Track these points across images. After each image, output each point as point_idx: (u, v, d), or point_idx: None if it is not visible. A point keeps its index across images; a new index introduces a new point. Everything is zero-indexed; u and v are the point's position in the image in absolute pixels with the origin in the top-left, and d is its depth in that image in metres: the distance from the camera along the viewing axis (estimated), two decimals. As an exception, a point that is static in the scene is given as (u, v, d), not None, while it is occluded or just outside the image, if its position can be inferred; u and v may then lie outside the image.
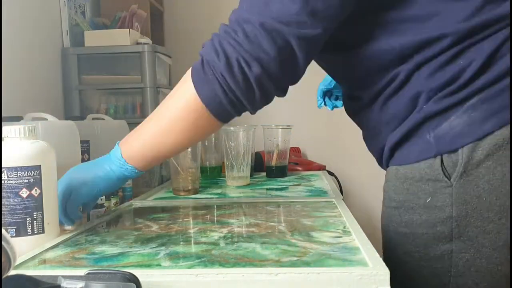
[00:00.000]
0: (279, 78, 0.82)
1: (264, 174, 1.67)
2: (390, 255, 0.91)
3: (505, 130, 0.77)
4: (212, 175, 1.65)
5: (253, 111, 0.87)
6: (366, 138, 1.03)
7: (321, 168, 1.93)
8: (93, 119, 1.48)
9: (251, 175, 1.67)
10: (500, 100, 0.78)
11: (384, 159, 0.95)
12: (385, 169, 0.99)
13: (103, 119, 1.48)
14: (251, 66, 0.78)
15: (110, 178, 0.92)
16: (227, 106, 0.82)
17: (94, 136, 1.33)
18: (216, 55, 0.80)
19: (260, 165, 1.78)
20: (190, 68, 0.85)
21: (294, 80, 0.85)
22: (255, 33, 0.78)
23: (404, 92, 0.85)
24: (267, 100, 0.85)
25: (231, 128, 1.51)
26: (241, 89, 0.80)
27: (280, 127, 1.64)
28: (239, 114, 0.87)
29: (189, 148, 1.33)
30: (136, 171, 0.92)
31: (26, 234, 0.85)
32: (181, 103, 0.84)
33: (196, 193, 1.33)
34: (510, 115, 0.79)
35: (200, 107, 0.82)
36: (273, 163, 1.62)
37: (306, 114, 2.25)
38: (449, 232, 0.82)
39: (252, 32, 0.78)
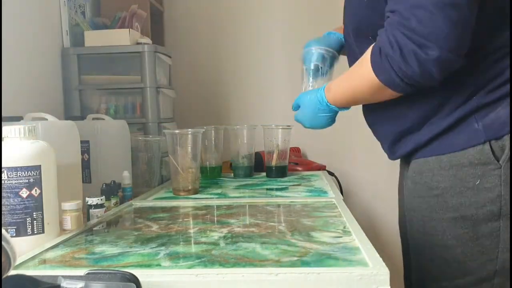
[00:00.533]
0: (458, 49, 0.83)
1: (264, 174, 1.67)
2: (436, 242, 0.96)
3: None
4: (212, 175, 1.65)
5: (436, 84, 0.89)
6: (380, 121, 1.06)
7: (321, 168, 1.93)
8: (93, 119, 1.48)
9: (251, 175, 1.67)
10: None
11: (409, 146, 1.00)
12: (394, 156, 1.06)
13: (103, 119, 1.48)
14: (428, 51, 0.81)
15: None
16: (406, 87, 0.88)
17: (94, 136, 1.33)
18: (391, 46, 0.84)
19: (260, 165, 1.78)
20: (370, 53, 0.90)
21: (468, 43, 0.85)
22: (428, 16, 0.80)
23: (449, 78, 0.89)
24: (448, 73, 0.86)
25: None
26: (418, 75, 0.84)
27: (280, 127, 1.64)
28: (421, 88, 0.89)
29: (189, 148, 1.33)
30: (338, 108, 1.07)
31: (26, 234, 0.85)
32: (366, 81, 0.92)
33: (196, 193, 1.34)
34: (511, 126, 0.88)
35: (381, 86, 0.90)
36: (273, 163, 1.62)
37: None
38: (498, 210, 0.90)
39: (425, 16, 0.80)
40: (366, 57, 0.91)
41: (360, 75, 0.94)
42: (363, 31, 1.01)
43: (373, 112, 1.07)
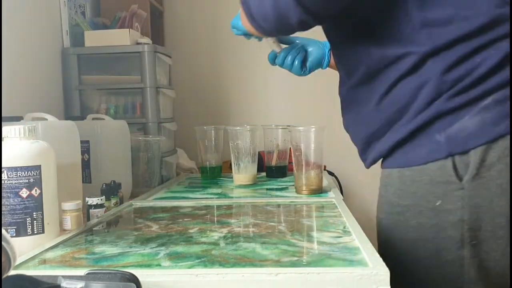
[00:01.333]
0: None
1: (264, 174, 1.67)
2: (396, 264, 0.84)
3: None
4: (212, 175, 1.65)
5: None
6: (353, 124, 0.99)
7: (321, 168, 1.93)
8: (93, 119, 1.48)
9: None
10: None
11: (374, 155, 0.93)
12: (366, 163, 0.98)
13: (103, 119, 1.48)
14: None
15: None
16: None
17: (94, 136, 1.33)
18: None
19: (260, 165, 1.78)
20: None
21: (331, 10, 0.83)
22: None
23: (412, 78, 0.81)
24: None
25: (237, 128, 1.52)
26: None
27: (280, 127, 1.64)
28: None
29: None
30: None
31: (26, 234, 0.85)
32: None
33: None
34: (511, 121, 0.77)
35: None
36: (273, 163, 1.62)
37: (306, 114, 2.25)
38: (459, 237, 0.80)
39: None
40: None
41: None
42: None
43: (348, 114, 1.00)
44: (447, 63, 0.78)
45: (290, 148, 1.67)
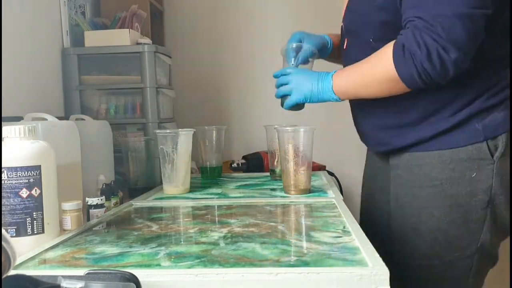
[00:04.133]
0: (471, 53, 0.98)
1: (264, 174, 1.67)
2: (428, 226, 1.10)
3: None
4: (212, 175, 1.65)
5: (443, 83, 1.02)
6: (376, 110, 1.16)
7: (321, 168, 1.93)
8: (76, 119, 1.47)
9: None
10: None
11: (409, 140, 1.12)
12: (391, 147, 1.16)
13: (84, 119, 1.47)
14: (450, 53, 0.95)
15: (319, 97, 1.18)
16: (420, 83, 1.00)
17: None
18: (418, 46, 0.97)
19: (260, 165, 1.78)
20: (392, 47, 1.01)
21: (475, 50, 0.99)
22: (450, 24, 0.95)
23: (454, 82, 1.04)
24: (456, 74, 0.99)
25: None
26: (437, 73, 0.97)
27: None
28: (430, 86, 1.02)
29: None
30: (337, 98, 1.15)
31: (26, 234, 0.85)
32: (381, 72, 1.03)
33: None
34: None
35: (396, 80, 1.01)
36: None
37: (306, 114, 2.24)
38: (488, 199, 1.06)
39: (448, 24, 0.95)
40: (386, 51, 1.02)
41: (375, 65, 1.05)
42: (365, 33, 1.12)
43: (367, 103, 1.16)
44: (485, 75, 1.06)
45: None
